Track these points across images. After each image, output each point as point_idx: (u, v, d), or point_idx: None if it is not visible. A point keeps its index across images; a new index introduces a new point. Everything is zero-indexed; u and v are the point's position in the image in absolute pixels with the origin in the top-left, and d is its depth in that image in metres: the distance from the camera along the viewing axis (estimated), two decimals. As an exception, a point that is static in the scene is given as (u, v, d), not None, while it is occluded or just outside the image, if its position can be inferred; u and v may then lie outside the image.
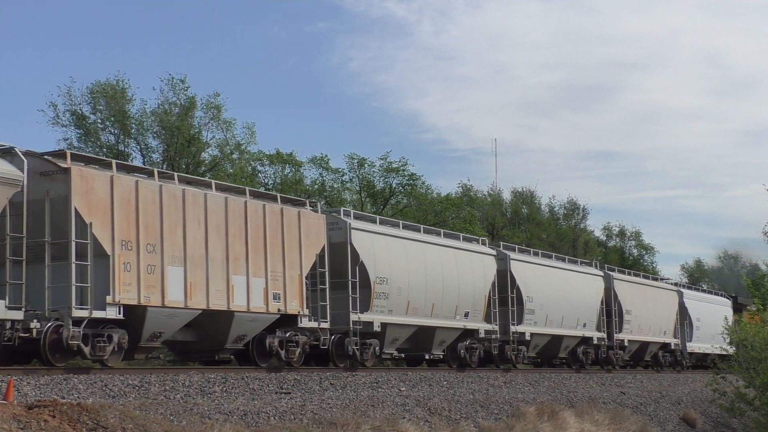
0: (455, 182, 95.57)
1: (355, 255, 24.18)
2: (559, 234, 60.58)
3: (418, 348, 26.97)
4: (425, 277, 26.59)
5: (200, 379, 18.64)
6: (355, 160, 45.45)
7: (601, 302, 36.02)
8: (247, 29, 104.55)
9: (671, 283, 44.34)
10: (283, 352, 21.97)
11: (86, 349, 17.60)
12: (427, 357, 27.14)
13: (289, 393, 19.46)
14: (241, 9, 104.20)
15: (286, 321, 22.15)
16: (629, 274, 40.62)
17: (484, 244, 30.45)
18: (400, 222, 27.74)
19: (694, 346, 44.19)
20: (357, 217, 25.68)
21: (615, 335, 36.72)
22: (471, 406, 22.66)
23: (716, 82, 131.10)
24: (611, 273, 37.73)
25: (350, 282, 23.88)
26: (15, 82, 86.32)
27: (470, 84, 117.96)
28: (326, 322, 23.18)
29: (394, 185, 45.95)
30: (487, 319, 29.18)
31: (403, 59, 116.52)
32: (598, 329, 35.64)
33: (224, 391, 18.44)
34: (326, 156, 45.61)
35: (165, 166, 38.67)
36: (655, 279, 43.49)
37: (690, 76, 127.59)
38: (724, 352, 41.56)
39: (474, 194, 58.59)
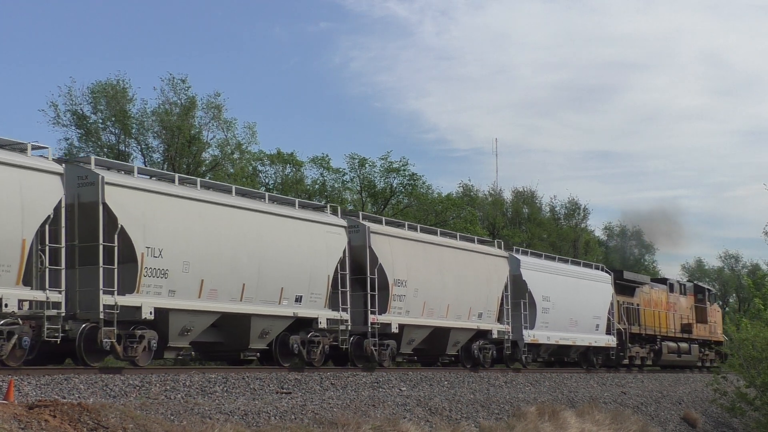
0: (456, 182, 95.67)
1: None
2: (560, 234, 60.57)
3: None
4: None
5: (201, 379, 18.66)
6: (356, 160, 45.52)
7: (341, 267, 24.29)
8: (248, 29, 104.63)
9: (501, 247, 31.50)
10: None
11: None
12: None
13: (290, 393, 19.47)
14: (243, 9, 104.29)
15: None
16: (408, 227, 27.29)
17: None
18: None
19: (539, 336, 31.55)
20: None
21: (373, 317, 24.59)
22: (472, 406, 22.67)
23: (717, 82, 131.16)
24: (367, 224, 25.33)
25: None
26: (15, 82, 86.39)
27: (472, 84, 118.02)
28: None
29: (394, 185, 45.99)
30: None
31: (405, 59, 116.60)
32: (334, 307, 23.68)
33: (225, 391, 18.45)
34: (327, 156, 45.69)
35: (165, 165, 38.72)
36: (468, 239, 30.34)
37: (691, 76, 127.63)
38: (594, 344, 34.60)
39: (475, 194, 58.61)
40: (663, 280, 44.74)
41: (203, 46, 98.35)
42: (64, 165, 18.33)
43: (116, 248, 18.55)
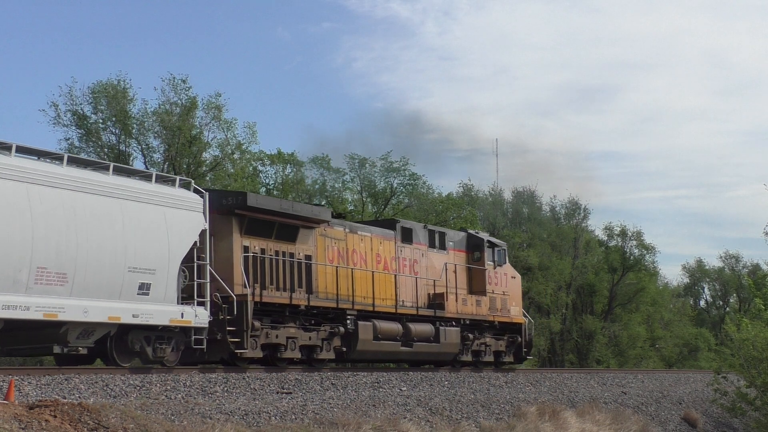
0: (457, 182, 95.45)
1: None
2: (560, 234, 60.51)
3: None
4: None
5: (201, 379, 18.67)
6: (356, 160, 45.51)
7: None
8: (251, 29, 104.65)
9: None
10: None
11: None
12: None
13: (291, 393, 19.47)
14: (245, 9, 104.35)
15: None
16: None
17: None
18: None
19: None
20: None
21: None
22: (472, 406, 22.67)
23: (720, 83, 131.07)
24: None
25: None
26: (16, 82, 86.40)
27: (473, 84, 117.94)
28: None
29: (394, 185, 45.98)
30: None
31: (407, 60, 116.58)
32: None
33: (225, 391, 18.45)
34: (327, 156, 45.65)
35: (166, 166, 38.72)
36: None
37: (693, 76, 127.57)
38: (136, 321, 19.07)
39: (475, 194, 58.56)
40: (389, 223, 28.65)
41: (205, 47, 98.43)
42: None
43: None
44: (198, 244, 20.76)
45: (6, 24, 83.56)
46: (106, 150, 38.62)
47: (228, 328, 21.07)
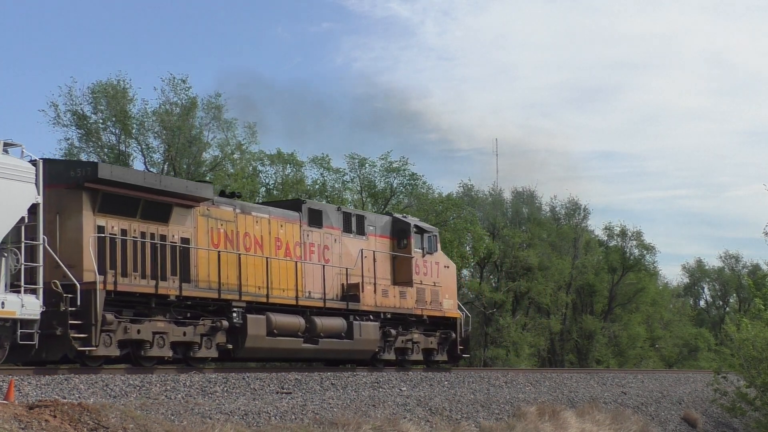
0: (457, 182, 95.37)
1: None
2: (560, 234, 60.54)
3: None
4: None
5: (201, 379, 18.69)
6: (356, 160, 45.52)
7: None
8: (250, 30, 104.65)
9: None
10: None
11: None
12: None
13: (290, 393, 19.48)
14: (245, 9, 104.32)
15: None
16: None
17: None
18: None
19: None
20: None
21: None
22: (472, 406, 22.68)
23: (719, 83, 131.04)
24: None
25: None
26: (16, 82, 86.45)
27: (473, 84, 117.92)
28: None
29: (394, 185, 45.99)
30: None
31: (407, 60, 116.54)
32: None
33: (225, 391, 18.47)
34: (327, 156, 45.66)
35: (166, 166, 38.73)
36: None
37: (693, 76, 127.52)
38: None
39: (475, 194, 58.55)
40: (294, 204, 25.41)
41: (205, 46, 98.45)
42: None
43: None
44: (27, 221, 17.28)
45: (6, 24, 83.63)
46: (106, 150, 38.65)
47: (72, 322, 17.95)
